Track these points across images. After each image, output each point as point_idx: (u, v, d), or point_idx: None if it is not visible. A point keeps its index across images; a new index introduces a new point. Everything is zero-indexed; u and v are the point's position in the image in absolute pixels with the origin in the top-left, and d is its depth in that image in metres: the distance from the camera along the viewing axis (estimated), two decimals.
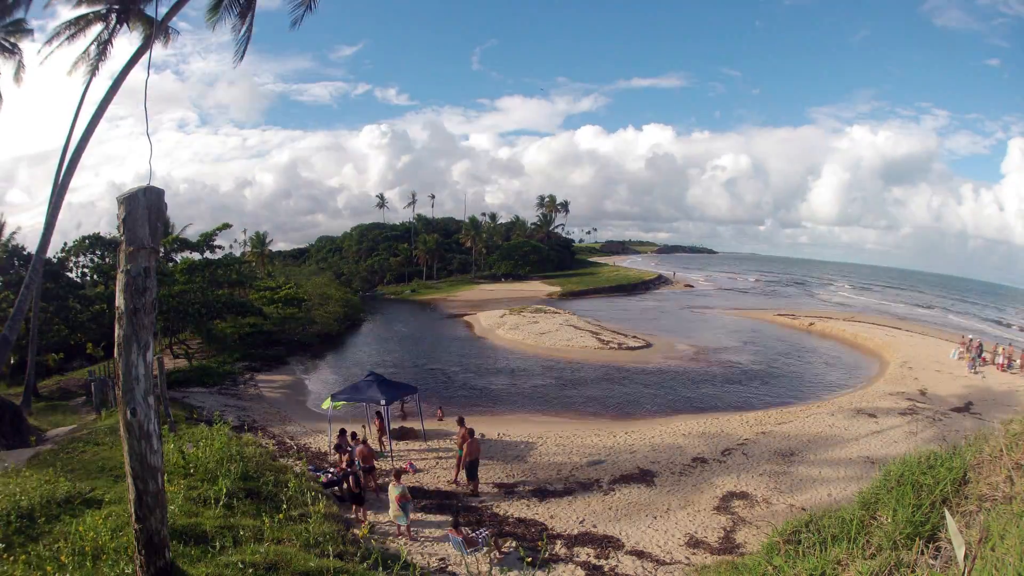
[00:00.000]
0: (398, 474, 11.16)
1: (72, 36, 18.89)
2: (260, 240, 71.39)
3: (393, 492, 10.49)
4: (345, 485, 12.11)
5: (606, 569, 9.37)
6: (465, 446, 12.89)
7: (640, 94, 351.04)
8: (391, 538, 10.23)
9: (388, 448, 15.88)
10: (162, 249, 30.45)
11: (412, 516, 10.90)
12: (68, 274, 31.97)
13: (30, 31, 21.43)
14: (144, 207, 4.10)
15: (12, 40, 20.98)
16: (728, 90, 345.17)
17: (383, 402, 15.59)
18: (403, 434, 17.38)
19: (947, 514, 2.13)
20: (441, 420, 19.10)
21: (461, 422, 14.12)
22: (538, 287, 72.18)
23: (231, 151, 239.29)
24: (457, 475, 13.59)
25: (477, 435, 14.05)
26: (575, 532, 10.87)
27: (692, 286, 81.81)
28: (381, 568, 6.12)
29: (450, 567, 9.10)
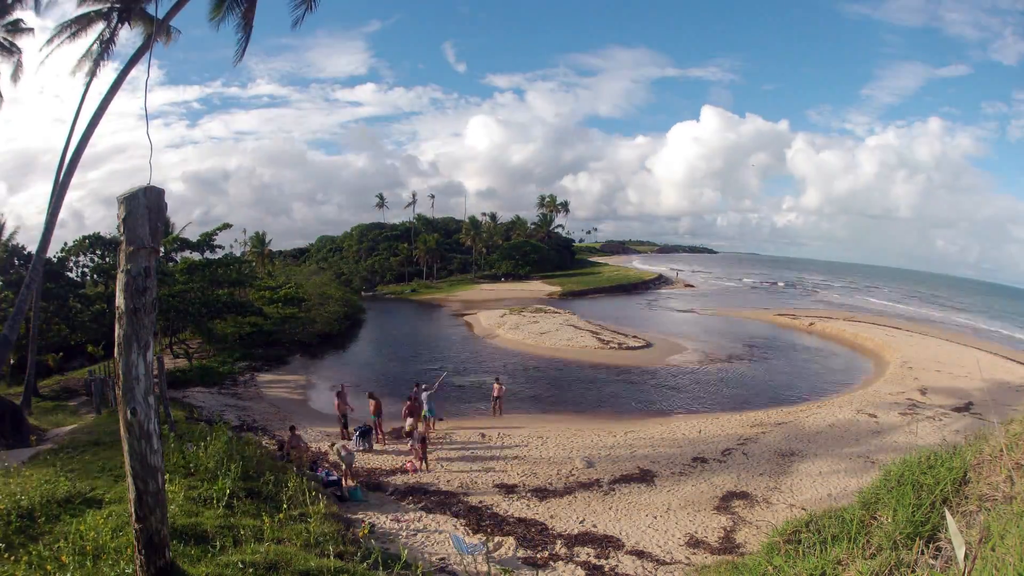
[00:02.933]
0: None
1: (74, 35, 18.88)
2: (260, 240, 71.42)
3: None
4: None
5: (606, 569, 9.37)
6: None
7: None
8: (391, 538, 10.23)
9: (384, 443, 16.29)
10: (162, 249, 30.38)
11: (411, 515, 11.20)
12: (68, 274, 31.93)
13: (30, 30, 21.41)
14: (144, 207, 4.10)
15: (11, 40, 20.97)
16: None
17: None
18: (401, 434, 17.37)
19: (947, 514, 2.13)
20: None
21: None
22: (538, 287, 72.15)
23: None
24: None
25: (478, 435, 17.12)
26: (575, 532, 10.86)
27: (693, 286, 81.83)
28: (381, 568, 6.11)
29: (450, 567, 9.08)
